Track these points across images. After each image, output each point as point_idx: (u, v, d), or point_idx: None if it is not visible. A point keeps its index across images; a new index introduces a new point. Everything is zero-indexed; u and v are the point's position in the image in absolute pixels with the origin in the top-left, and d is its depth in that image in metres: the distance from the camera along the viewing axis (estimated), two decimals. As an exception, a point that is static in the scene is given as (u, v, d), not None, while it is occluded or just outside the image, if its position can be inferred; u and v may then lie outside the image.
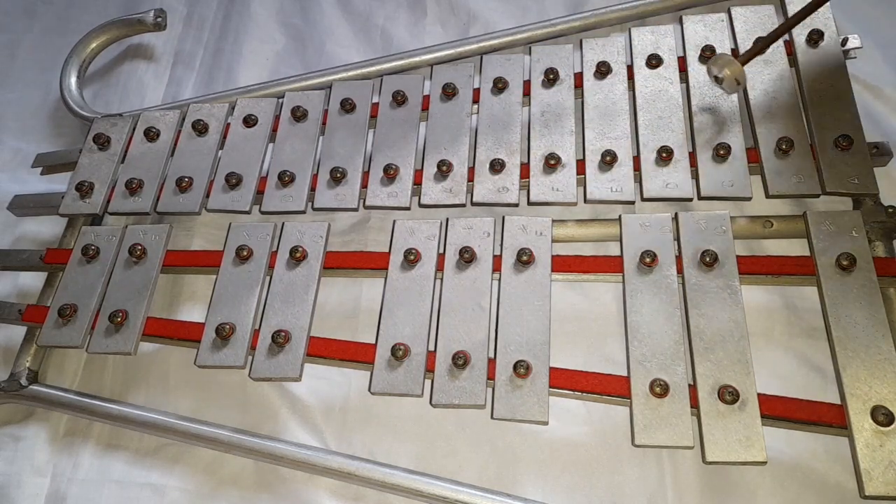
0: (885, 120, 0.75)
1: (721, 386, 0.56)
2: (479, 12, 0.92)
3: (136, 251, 0.70)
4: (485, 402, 0.59)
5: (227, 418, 0.67)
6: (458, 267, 0.65)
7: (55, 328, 0.67)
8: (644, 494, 0.60)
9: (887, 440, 0.53)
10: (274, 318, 0.65)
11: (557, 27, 0.83)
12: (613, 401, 0.59)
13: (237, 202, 0.73)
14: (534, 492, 0.61)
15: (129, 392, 0.70)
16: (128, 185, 0.75)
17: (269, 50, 0.95)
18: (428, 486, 0.60)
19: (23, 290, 0.79)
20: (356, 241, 0.76)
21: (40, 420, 0.70)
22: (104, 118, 0.83)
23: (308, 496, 0.63)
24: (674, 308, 0.60)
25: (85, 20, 0.98)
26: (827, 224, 0.63)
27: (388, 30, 0.94)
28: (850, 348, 0.57)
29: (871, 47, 0.78)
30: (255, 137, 0.77)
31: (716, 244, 0.63)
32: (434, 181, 0.71)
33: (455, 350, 0.60)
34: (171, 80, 0.94)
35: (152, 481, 0.66)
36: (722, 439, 0.54)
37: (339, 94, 0.78)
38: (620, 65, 0.75)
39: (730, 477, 0.60)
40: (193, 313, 0.74)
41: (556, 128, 0.72)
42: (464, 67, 0.78)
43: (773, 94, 0.70)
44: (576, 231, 0.69)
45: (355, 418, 0.67)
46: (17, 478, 0.67)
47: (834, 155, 0.66)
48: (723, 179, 0.66)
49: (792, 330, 0.65)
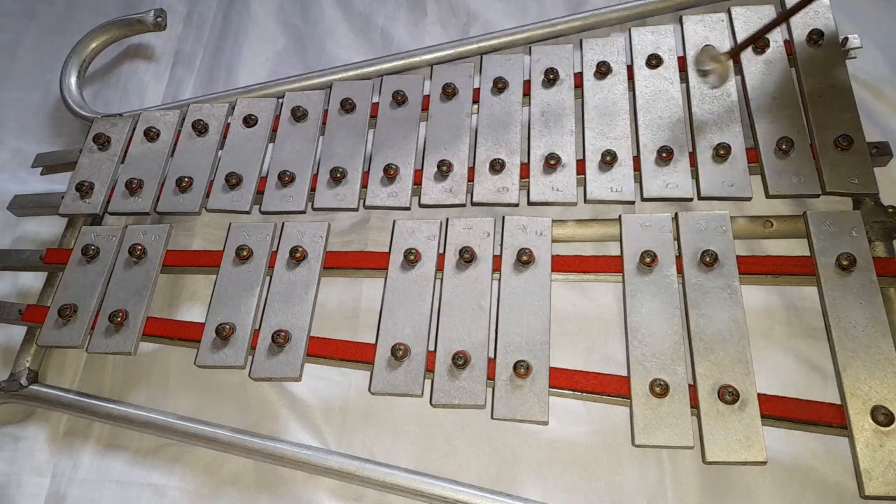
0: (885, 120, 0.75)
1: (721, 386, 0.56)
2: (479, 12, 0.92)
3: (136, 251, 0.70)
4: (485, 402, 0.59)
5: (227, 418, 0.67)
6: (458, 267, 0.65)
7: (55, 328, 0.67)
8: (644, 494, 0.60)
9: (887, 440, 0.53)
10: (274, 318, 0.65)
11: (557, 27, 0.83)
12: (613, 401, 0.59)
13: (237, 202, 0.73)
14: (534, 492, 0.61)
15: (129, 392, 0.70)
16: (128, 185, 0.75)
17: (269, 50, 0.95)
18: (428, 486, 0.59)
19: (23, 290, 0.79)
20: (356, 241, 0.76)
21: (40, 420, 0.70)
22: (104, 118, 0.83)
23: (308, 496, 0.63)
24: (674, 308, 0.60)
25: (85, 20, 0.98)
26: (827, 224, 0.63)
27: (388, 30, 0.94)
28: (850, 348, 0.57)
29: (871, 47, 0.78)
30: (255, 137, 0.77)
31: (716, 244, 0.63)
32: (434, 181, 0.71)
33: (455, 350, 0.60)
34: (171, 80, 0.94)
35: (152, 481, 0.66)
36: (722, 439, 0.54)
37: (339, 94, 0.78)
38: (620, 65, 0.75)
39: (730, 477, 0.60)
40: (193, 313, 0.74)
41: (556, 128, 0.72)
42: (464, 67, 0.78)
43: (773, 94, 0.70)
44: (576, 231, 0.69)
45: (355, 418, 0.67)
46: (17, 478, 0.67)
47: (834, 155, 0.66)
48: (723, 179, 0.66)
49: (792, 330, 0.65)
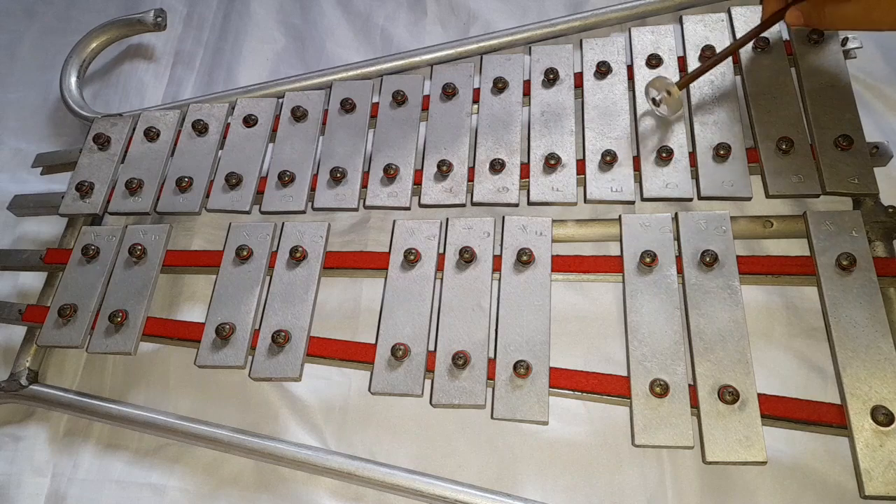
0: (885, 120, 0.75)
1: (721, 386, 0.56)
2: (479, 12, 0.92)
3: (136, 251, 0.70)
4: (485, 402, 0.59)
5: (227, 418, 0.67)
6: (458, 267, 0.65)
7: (55, 328, 0.67)
8: (644, 494, 0.60)
9: (887, 440, 0.53)
10: (274, 318, 0.65)
11: (557, 27, 0.83)
12: (613, 401, 0.58)
13: (237, 202, 0.73)
14: (534, 492, 0.61)
15: (129, 392, 0.70)
16: (128, 185, 0.75)
17: (269, 50, 0.95)
18: (428, 486, 0.59)
19: (23, 290, 0.79)
20: (356, 241, 0.76)
21: (40, 420, 0.70)
22: (104, 118, 0.83)
23: (308, 496, 0.63)
24: (674, 308, 0.60)
25: (85, 20, 0.98)
26: (827, 224, 0.63)
27: (388, 30, 0.94)
28: (850, 348, 0.57)
29: (871, 47, 0.78)
30: (255, 137, 0.77)
31: (716, 244, 0.63)
32: (434, 181, 0.71)
33: (455, 350, 0.60)
34: (171, 80, 0.94)
35: (152, 481, 0.66)
36: (722, 439, 0.54)
37: (339, 94, 0.78)
38: (620, 65, 0.75)
39: (730, 477, 0.60)
40: (193, 313, 0.74)
41: (556, 128, 0.72)
42: (464, 67, 0.78)
43: (772, 94, 0.70)
44: (576, 231, 0.69)
45: (355, 418, 0.67)
46: (17, 478, 0.67)
47: (834, 155, 0.66)
48: (723, 179, 0.66)
49: (792, 330, 0.65)
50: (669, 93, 0.68)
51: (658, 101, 0.69)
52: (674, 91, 0.68)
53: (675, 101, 0.68)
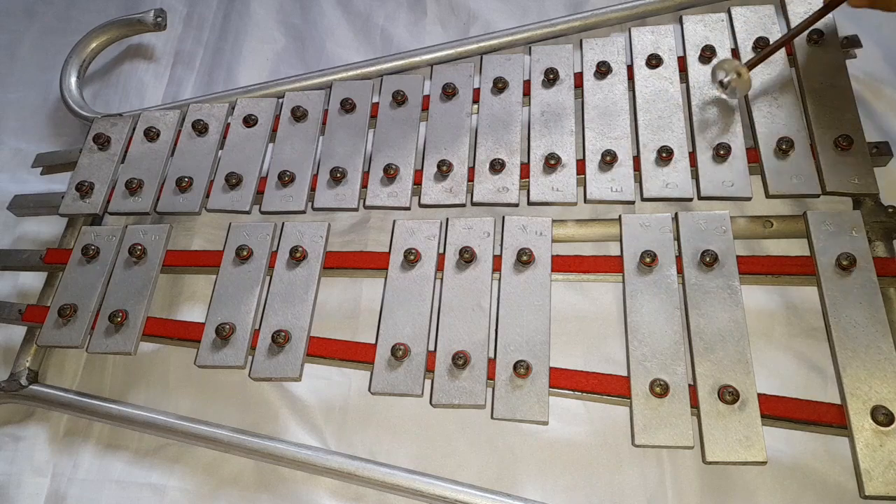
0: (885, 120, 0.74)
1: (721, 386, 0.56)
2: (479, 12, 0.92)
3: (136, 251, 0.70)
4: (485, 402, 0.59)
5: (227, 418, 0.67)
6: (458, 267, 0.65)
7: (55, 328, 0.67)
8: (644, 494, 0.60)
9: (887, 440, 0.53)
10: (274, 318, 0.65)
11: (557, 27, 0.83)
12: (613, 401, 0.59)
13: (237, 202, 0.73)
14: (534, 492, 0.61)
15: (129, 392, 0.70)
16: (128, 185, 0.75)
17: (269, 50, 0.95)
18: (428, 486, 0.59)
19: (23, 290, 0.79)
20: (356, 241, 0.76)
21: (40, 420, 0.70)
22: (104, 118, 0.83)
23: (308, 496, 0.63)
24: (674, 308, 0.60)
25: (85, 20, 0.98)
26: (827, 224, 0.63)
27: (388, 30, 0.94)
28: (850, 348, 0.57)
29: (871, 47, 0.78)
30: (255, 137, 0.77)
31: (716, 244, 0.63)
32: (434, 181, 0.71)
33: (455, 350, 0.60)
34: (171, 80, 0.94)
35: (152, 481, 0.66)
36: (722, 439, 0.54)
37: (339, 94, 0.78)
38: (620, 65, 0.75)
39: (730, 477, 0.60)
40: (193, 313, 0.74)
41: (556, 128, 0.72)
42: (464, 67, 0.78)
43: (773, 94, 0.70)
44: (576, 231, 0.69)
45: (355, 418, 0.67)
46: (17, 478, 0.67)
47: (834, 155, 0.66)
48: (723, 179, 0.66)
49: (792, 330, 0.65)
50: (739, 74, 0.67)
51: (726, 84, 0.68)
52: (743, 72, 0.67)
53: (745, 83, 0.67)
